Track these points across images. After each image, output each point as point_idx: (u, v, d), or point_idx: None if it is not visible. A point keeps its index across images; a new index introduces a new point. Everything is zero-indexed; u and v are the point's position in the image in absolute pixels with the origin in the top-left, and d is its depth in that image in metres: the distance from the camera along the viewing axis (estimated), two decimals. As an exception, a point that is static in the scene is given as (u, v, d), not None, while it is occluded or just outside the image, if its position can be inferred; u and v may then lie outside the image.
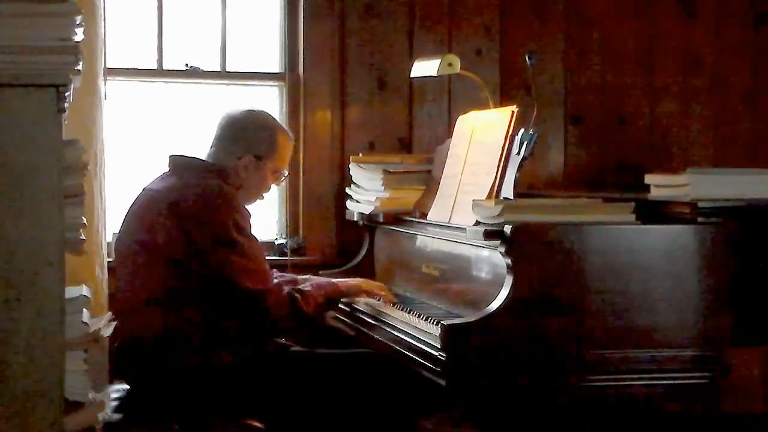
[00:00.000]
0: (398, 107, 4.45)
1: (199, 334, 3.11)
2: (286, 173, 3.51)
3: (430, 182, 3.68)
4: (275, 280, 3.33)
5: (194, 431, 3.05)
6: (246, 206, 3.30)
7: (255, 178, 3.38)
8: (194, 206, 3.14)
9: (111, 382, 3.42)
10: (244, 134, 3.37)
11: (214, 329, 3.12)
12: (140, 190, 3.33)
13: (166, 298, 3.11)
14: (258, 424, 3.07)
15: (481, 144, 3.36)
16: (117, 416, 3.09)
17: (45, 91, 2.24)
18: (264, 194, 3.50)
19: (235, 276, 3.11)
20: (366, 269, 3.94)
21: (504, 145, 3.20)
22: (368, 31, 4.41)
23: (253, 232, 3.24)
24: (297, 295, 3.20)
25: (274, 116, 3.52)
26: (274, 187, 3.58)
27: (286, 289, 3.22)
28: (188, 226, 3.11)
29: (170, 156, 3.37)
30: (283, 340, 3.40)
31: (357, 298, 3.50)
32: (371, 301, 3.45)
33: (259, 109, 3.53)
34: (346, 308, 3.59)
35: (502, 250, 2.87)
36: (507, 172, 3.16)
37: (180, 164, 3.33)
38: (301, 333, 3.43)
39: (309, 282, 3.40)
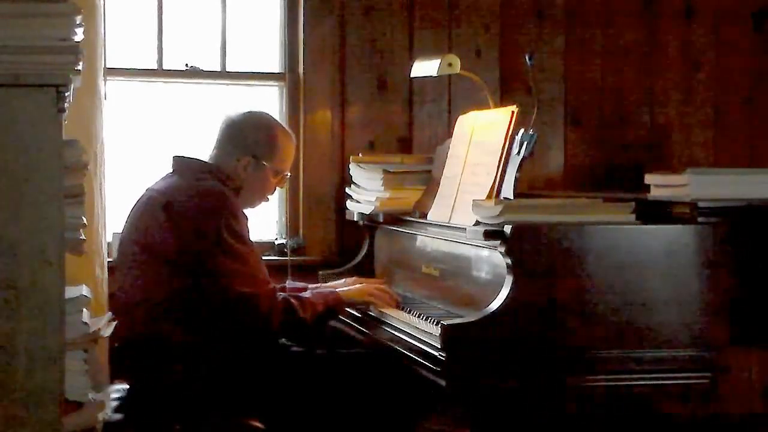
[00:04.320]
0: (398, 107, 4.45)
1: (196, 335, 3.11)
2: (289, 174, 3.50)
3: (430, 182, 3.68)
4: (278, 285, 3.31)
5: (194, 431, 3.05)
6: (247, 209, 3.30)
7: (255, 179, 3.36)
8: (187, 206, 3.14)
9: (111, 382, 3.42)
10: (243, 135, 3.36)
11: (209, 331, 3.12)
12: (143, 191, 3.33)
13: (163, 298, 3.11)
14: (258, 424, 3.07)
15: (481, 144, 3.36)
16: (117, 416, 3.09)
17: (45, 91, 2.25)
18: (268, 196, 3.48)
19: (226, 278, 3.09)
20: (366, 269, 3.94)
21: (504, 145, 3.20)
22: (368, 31, 4.41)
23: (249, 235, 3.21)
24: (294, 301, 3.19)
25: (275, 117, 3.51)
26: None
27: (282, 295, 3.21)
28: (181, 227, 3.11)
29: (173, 157, 3.37)
30: (283, 340, 3.39)
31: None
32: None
33: (259, 110, 3.52)
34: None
35: (502, 250, 2.87)
36: (507, 172, 3.16)
37: (180, 165, 3.34)
38: (299, 338, 3.41)
39: (311, 290, 3.39)
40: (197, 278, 3.10)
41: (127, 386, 3.23)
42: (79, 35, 2.29)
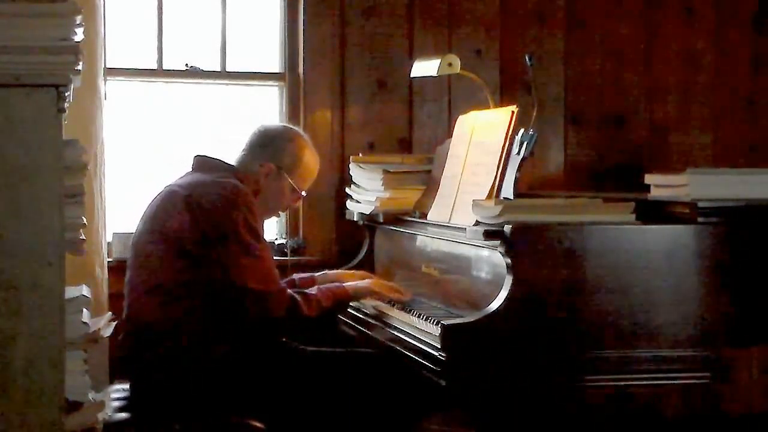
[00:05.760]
0: (398, 107, 4.45)
1: (200, 328, 3.11)
2: (304, 194, 3.52)
3: (430, 182, 3.68)
4: (285, 281, 3.32)
5: (194, 431, 3.06)
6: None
7: (273, 188, 3.41)
8: (207, 201, 3.16)
9: (111, 382, 3.42)
10: (273, 144, 3.43)
11: (215, 324, 3.13)
12: (163, 187, 3.34)
13: (173, 288, 3.12)
14: (258, 424, 3.07)
15: (481, 144, 3.36)
16: (118, 416, 3.09)
17: (45, 91, 2.25)
18: (280, 211, 3.55)
19: (239, 274, 3.11)
20: (366, 269, 3.94)
21: (504, 145, 3.20)
22: (368, 31, 4.41)
23: (264, 234, 3.24)
24: (298, 297, 3.20)
25: (308, 139, 3.54)
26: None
27: (289, 292, 3.22)
28: (200, 220, 3.13)
29: (195, 156, 3.41)
30: (283, 339, 3.39)
31: (363, 300, 3.50)
32: (373, 301, 3.45)
33: (296, 128, 3.61)
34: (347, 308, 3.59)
35: (502, 250, 2.87)
36: (507, 172, 3.16)
37: (202, 164, 3.37)
38: (303, 334, 3.42)
39: (317, 285, 3.40)
40: (209, 269, 3.11)
41: (128, 384, 3.23)
42: (79, 35, 2.29)
